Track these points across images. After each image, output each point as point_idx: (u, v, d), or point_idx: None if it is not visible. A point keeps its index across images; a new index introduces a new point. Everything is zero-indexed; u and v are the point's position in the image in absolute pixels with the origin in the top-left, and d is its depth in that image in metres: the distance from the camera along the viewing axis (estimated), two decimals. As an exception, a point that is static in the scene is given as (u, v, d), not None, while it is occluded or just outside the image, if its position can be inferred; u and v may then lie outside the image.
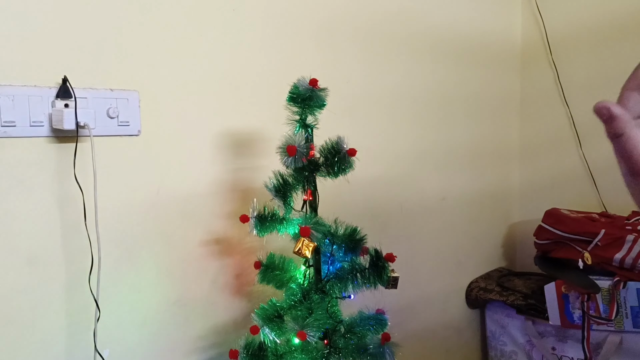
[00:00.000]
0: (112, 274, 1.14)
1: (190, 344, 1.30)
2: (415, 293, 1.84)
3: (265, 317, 1.07)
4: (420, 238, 1.84)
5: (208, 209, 1.30)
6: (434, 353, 1.94)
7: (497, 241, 2.16)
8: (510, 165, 2.18)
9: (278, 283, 1.19)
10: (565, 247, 1.80)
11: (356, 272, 1.13)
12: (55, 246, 1.07)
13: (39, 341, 1.07)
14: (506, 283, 1.97)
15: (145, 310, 1.22)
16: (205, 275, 1.32)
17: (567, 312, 1.74)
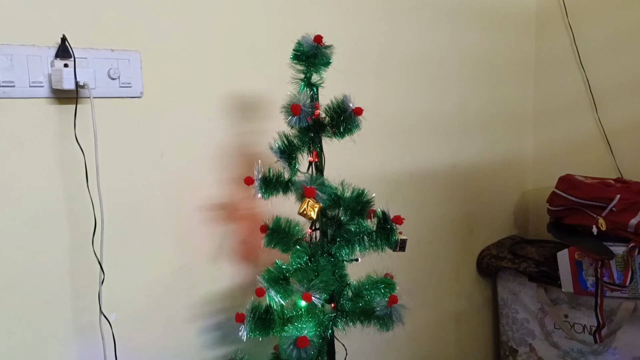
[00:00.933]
0: (115, 237, 1.13)
1: (197, 309, 1.29)
2: (425, 261, 1.82)
3: (271, 279, 1.06)
4: (430, 206, 1.81)
5: (213, 173, 1.28)
6: (444, 321, 1.93)
7: (510, 209, 2.12)
8: (524, 131, 2.13)
9: (284, 247, 1.17)
10: (579, 213, 1.76)
11: (363, 235, 1.11)
12: (57, 208, 1.06)
13: (43, 304, 1.06)
14: (518, 251, 1.94)
15: (150, 275, 1.21)
16: (210, 240, 1.30)
17: (580, 279, 1.72)
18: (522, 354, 1.93)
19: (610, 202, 1.66)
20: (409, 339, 1.78)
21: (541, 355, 1.88)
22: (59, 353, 1.09)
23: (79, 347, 1.11)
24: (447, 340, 1.94)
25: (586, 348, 1.78)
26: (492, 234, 2.04)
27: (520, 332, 1.93)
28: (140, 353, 1.20)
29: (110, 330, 1.12)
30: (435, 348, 1.89)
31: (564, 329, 1.81)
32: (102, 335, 1.11)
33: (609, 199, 1.67)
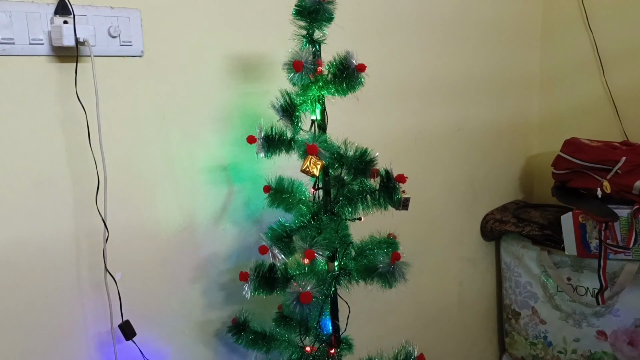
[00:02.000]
0: (119, 196, 1.13)
1: (201, 270, 1.30)
2: (429, 226, 1.82)
3: (274, 237, 1.06)
4: (435, 170, 1.80)
5: (215, 134, 1.28)
6: (448, 285, 1.94)
7: (515, 174, 2.11)
8: (530, 94, 2.11)
9: (287, 206, 1.17)
10: (583, 176, 1.75)
11: (366, 194, 1.11)
12: (60, 167, 1.06)
13: (48, 263, 1.07)
14: (522, 215, 1.94)
15: (154, 235, 1.22)
16: (214, 202, 1.31)
17: (584, 241, 1.72)
18: (525, 316, 1.95)
19: (615, 164, 1.65)
20: (412, 302, 1.80)
21: (543, 318, 1.90)
22: (65, 312, 1.11)
23: (84, 305, 1.13)
24: (450, 304, 1.96)
25: (588, 310, 1.79)
26: (496, 198, 2.04)
27: (523, 295, 1.94)
28: (146, 311, 1.21)
29: (115, 288, 1.13)
30: (438, 311, 1.90)
31: (567, 291, 1.82)
32: (107, 293, 1.12)
33: (614, 161, 1.66)
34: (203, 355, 1.33)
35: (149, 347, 1.19)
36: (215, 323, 1.34)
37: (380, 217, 1.17)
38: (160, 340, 1.24)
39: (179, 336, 1.28)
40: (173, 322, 1.27)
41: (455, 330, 1.98)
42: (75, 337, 1.13)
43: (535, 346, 1.94)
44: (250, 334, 1.25)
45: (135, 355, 1.17)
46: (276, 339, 1.24)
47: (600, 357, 1.79)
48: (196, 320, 1.31)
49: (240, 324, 1.26)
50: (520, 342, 1.99)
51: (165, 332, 1.26)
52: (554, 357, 1.89)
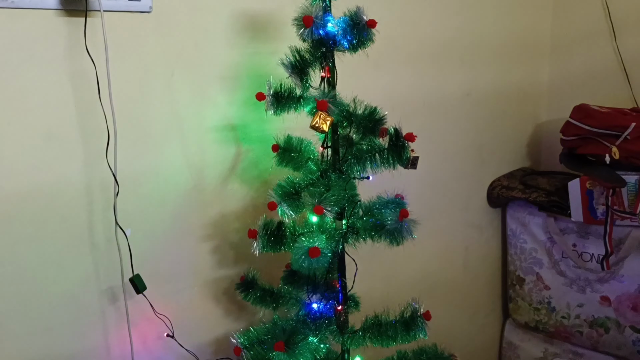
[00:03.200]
0: (128, 152, 1.14)
1: (210, 229, 1.32)
2: (436, 191, 1.82)
3: (283, 193, 1.07)
4: (442, 135, 1.80)
5: (224, 94, 1.28)
6: (453, 250, 1.95)
7: (523, 141, 2.10)
8: (540, 60, 2.08)
9: (296, 165, 1.18)
10: (592, 142, 1.74)
11: (375, 152, 1.11)
12: (71, 121, 1.06)
13: (59, 218, 1.09)
14: (529, 181, 1.93)
15: (163, 193, 1.23)
16: (222, 162, 1.31)
17: (591, 208, 1.72)
18: (529, 282, 1.96)
19: (625, 130, 1.64)
20: (417, 266, 1.81)
21: (547, 284, 1.91)
22: (76, 266, 1.12)
23: (95, 259, 1.14)
24: (456, 269, 1.97)
25: (593, 276, 1.80)
26: (504, 165, 2.03)
27: (527, 262, 1.95)
28: (156, 267, 1.23)
29: (126, 243, 1.15)
30: (444, 276, 1.92)
31: (572, 257, 1.83)
32: (118, 247, 1.14)
33: (624, 127, 1.64)
34: (212, 312, 1.35)
35: (159, 302, 1.21)
36: (224, 281, 1.36)
37: (387, 182, 1.18)
38: (170, 296, 1.26)
39: (188, 293, 1.31)
40: (182, 279, 1.29)
41: (460, 295, 2.00)
42: (87, 291, 1.15)
43: (538, 312, 1.96)
44: (258, 290, 1.26)
45: (146, 309, 1.19)
46: (284, 295, 1.25)
47: (603, 322, 1.81)
48: (205, 278, 1.33)
49: (248, 281, 1.28)
50: (524, 307, 2.00)
51: (175, 288, 1.28)
52: (557, 322, 1.91)
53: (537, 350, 2.01)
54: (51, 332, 1.12)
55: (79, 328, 1.15)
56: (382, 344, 1.16)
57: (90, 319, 1.16)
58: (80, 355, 1.16)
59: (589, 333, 1.84)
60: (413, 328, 1.15)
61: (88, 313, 1.16)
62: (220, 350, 1.35)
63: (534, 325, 1.99)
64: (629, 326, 1.75)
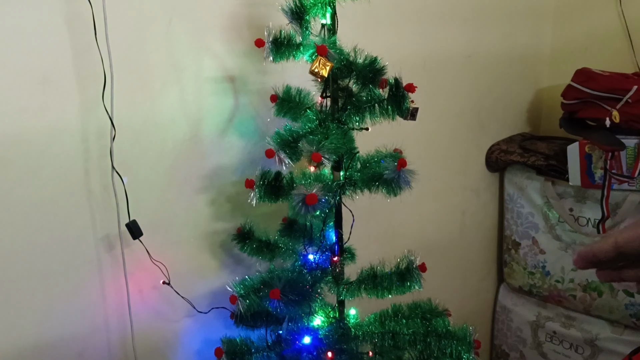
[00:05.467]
0: (125, 96, 1.12)
1: (207, 181, 1.31)
2: (434, 154, 1.82)
3: (281, 141, 1.06)
4: (442, 96, 1.78)
5: (222, 44, 1.26)
6: (450, 213, 1.95)
7: (523, 105, 2.09)
8: (543, 24, 2.06)
9: (294, 115, 1.17)
10: (593, 106, 1.73)
11: (374, 103, 1.10)
12: (66, 65, 1.05)
13: (56, 163, 1.08)
14: (528, 145, 1.93)
15: (160, 142, 1.22)
16: (220, 113, 1.30)
17: (589, 172, 1.72)
18: (525, 246, 1.97)
19: (626, 93, 1.63)
20: (414, 228, 1.82)
21: (543, 248, 1.92)
22: (72, 213, 1.12)
23: (92, 206, 1.14)
24: (452, 232, 1.98)
25: (588, 240, 1.81)
26: (503, 129, 2.03)
27: (524, 226, 1.96)
28: (152, 217, 1.22)
29: (123, 189, 1.14)
30: (440, 239, 1.93)
31: (568, 222, 1.83)
32: (115, 193, 1.13)
33: (626, 90, 1.63)
34: (208, 264, 1.36)
35: (154, 251, 1.21)
36: (221, 234, 1.36)
37: (385, 141, 1.17)
38: (166, 246, 1.26)
39: (184, 245, 1.31)
40: (179, 230, 1.29)
41: (456, 259, 2.01)
42: (83, 239, 1.15)
43: (533, 276, 1.97)
44: (255, 242, 1.27)
45: (142, 257, 1.20)
46: (280, 247, 1.26)
47: (596, 286, 1.82)
48: (202, 230, 1.33)
49: (245, 233, 1.28)
50: (518, 271, 2.02)
51: (171, 239, 1.28)
52: (551, 286, 1.93)
53: (530, 314, 2.03)
54: (47, 278, 1.12)
55: (75, 275, 1.15)
56: (377, 295, 1.17)
57: (86, 267, 1.16)
58: (77, 302, 1.17)
59: (582, 297, 1.86)
60: (408, 279, 1.15)
61: (84, 260, 1.16)
62: (216, 302, 1.36)
63: (527, 290, 2.01)
64: (622, 290, 1.77)
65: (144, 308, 1.25)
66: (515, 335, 2.09)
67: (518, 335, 2.08)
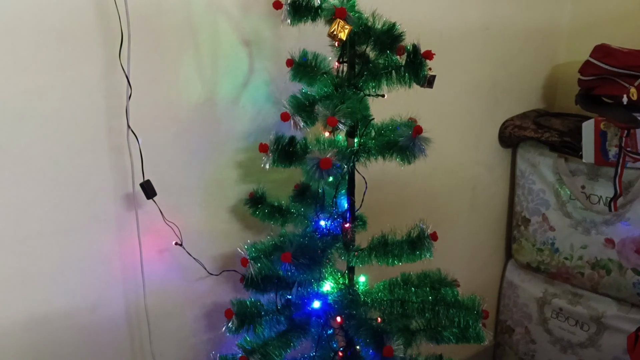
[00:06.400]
0: (142, 57, 1.12)
1: (220, 145, 1.31)
2: (447, 126, 1.81)
3: (296, 105, 1.06)
4: (458, 69, 1.76)
5: (239, 7, 1.25)
6: (461, 188, 1.95)
7: (539, 81, 2.07)
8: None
9: (310, 80, 1.16)
10: (610, 83, 1.71)
11: (391, 69, 1.09)
12: (84, 22, 1.04)
13: (72, 121, 1.08)
14: (543, 122, 1.91)
15: (174, 104, 1.22)
16: (235, 78, 1.29)
17: (603, 149, 1.70)
18: (535, 223, 1.97)
19: (645, 70, 1.61)
20: (424, 201, 1.81)
21: (553, 225, 1.92)
22: (87, 170, 1.13)
23: (107, 165, 1.15)
24: (462, 207, 1.98)
25: (599, 218, 1.80)
26: (518, 105, 2.01)
27: (534, 203, 1.96)
28: (165, 179, 1.23)
29: (138, 148, 1.14)
30: (450, 213, 1.93)
31: (580, 199, 1.83)
32: (130, 152, 1.14)
33: (645, 67, 1.61)
34: (219, 228, 1.37)
35: (167, 214, 1.22)
36: (231, 199, 1.37)
37: (398, 111, 1.16)
38: (178, 209, 1.27)
39: (197, 208, 1.31)
40: (191, 193, 1.30)
41: (465, 234, 2.02)
42: (98, 197, 1.16)
43: (541, 252, 1.97)
44: (267, 207, 1.27)
45: (155, 218, 1.20)
46: (292, 212, 1.26)
47: (605, 264, 1.82)
48: (213, 195, 1.33)
49: (257, 198, 1.29)
50: (527, 248, 2.02)
51: (183, 202, 1.28)
52: (559, 263, 1.93)
53: (537, 291, 2.03)
54: (62, 234, 1.13)
55: (89, 233, 1.17)
56: (388, 263, 1.17)
57: (100, 225, 1.18)
58: (91, 259, 1.18)
59: (590, 275, 1.86)
60: (419, 248, 1.16)
61: (98, 219, 1.17)
62: (226, 265, 1.37)
63: (535, 266, 2.01)
64: (631, 269, 1.77)
65: (156, 268, 1.26)
66: (521, 311, 2.10)
67: (524, 311, 2.09)
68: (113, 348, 1.28)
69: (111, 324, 1.26)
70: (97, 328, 1.24)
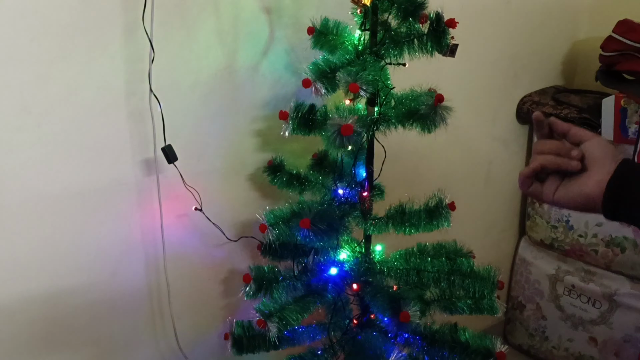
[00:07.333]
0: (164, 20, 1.12)
1: (239, 112, 1.32)
2: (465, 101, 1.79)
3: (318, 72, 1.06)
4: (478, 42, 1.74)
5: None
6: (477, 162, 1.94)
7: (558, 57, 2.04)
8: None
9: (331, 48, 1.16)
10: (633, 59, 1.69)
11: (413, 37, 1.09)
12: (107, -16, 1.05)
13: (94, 84, 1.09)
14: (561, 98, 1.90)
15: (196, 69, 1.22)
16: (255, 46, 1.29)
17: (622, 126, 1.69)
18: (550, 200, 1.96)
19: (669, 45, 1.58)
20: (439, 175, 1.81)
21: (568, 202, 1.91)
22: (109, 134, 1.14)
23: (129, 129, 1.16)
24: (477, 182, 1.97)
25: (616, 195, 1.79)
26: (537, 81, 1.99)
27: (550, 179, 1.95)
28: (186, 145, 1.24)
29: (160, 114, 1.15)
30: (465, 188, 1.92)
31: (597, 176, 1.81)
32: (152, 116, 1.15)
33: (669, 42, 1.59)
34: (238, 195, 1.38)
35: (187, 179, 1.23)
36: (250, 167, 1.38)
37: (417, 83, 1.16)
38: (198, 175, 1.28)
39: (216, 174, 1.33)
40: (211, 160, 1.31)
41: (479, 209, 2.02)
42: (120, 161, 1.17)
43: (556, 229, 1.97)
44: (285, 175, 1.28)
45: (175, 183, 1.22)
46: (310, 180, 1.27)
47: (620, 242, 1.82)
48: (233, 161, 1.34)
49: (276, 165, 1.29)
50: (541, 225, 2.02)
51: (203, 168, 1.30)
52: (573, 240, 1.93)
53: (550, 268, 2.04)
54: (83, 197, 1.15)
55: (110, 196, 1.18)
56: (405, 231, 1.18)
57: (122, 188, 1.19)
58: (111, 223, 1.20)
59: (604, 252, 1.86)
60: (437, 217, 1.16)
61: (120, 182, 1.19)
62: (244, 233, 1.38)
63: (549, 243, 2.01)
64: (646, 247, 1.77)
65: (176, 233, 1.28)
66: (533, 287, 2.11)
67: (536, 287, 2.10)
68: (133, 311, 1.31)
69: (131, 287, 1.28)
70: (118, 291, 1.27)
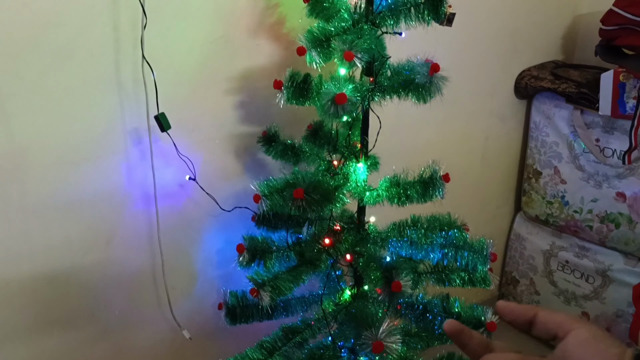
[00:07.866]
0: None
1: (235, 83, 1.31)
2: (462, 74, 1.78)
3: (313, 40, 1.04)
4: (476, 14, 1.72)
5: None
6: (473, 138, 1.93)
7: (558, 31, 2.02)
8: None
9: (327, 16, 1.14)
10: (633, 33, 1.67)
11: (410, 6, 1.07)
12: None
13: (87, 51, 1.08)
14: (560, 72, 1.88)
15: (190, 38, 1.21)
16: (251, 14, 1.27)
17: (620, 101, 1.68)
18: (546, 176, 1.97)
19: (670, 19, 1.57)
20: (436, 149, 1.81)
21: (564, 178, 1.92)
22: (102, 102, 1.13)
23: (122, 97, 1.15)
24: (474, 157, 1.97)
25: (612, 171, 1.80)
26: (536, 55, 1.97)
27: (547, 155, 1.95)
28: (179, 114, 1.23)
29: (153, 81, 1.14)
30: (461, 162, 1.92)
31: (594, 152, 1.81)
32: (144, 83, 1.14)
33: (670, 16, 1.57)
34: (232, 167, 1.38)
35: (181, 148, 1.23)
36: (245, 138, 1.37)
37: (415, 52, 1.14)
38: (192, 145, 1.27)
39: (210, 144, 1.32)
40: (205, 130, 1.30)
41: (475, 185, 2.02)
42: (112, 129, 1.16)
43: (551, 205, 1.98)
44: (280, 145, 1.28)
45: (169, 152, 1.21)
46: (305, 151, 1.27)
47: (615, 218, 1.83)
48: (227, 132, 1.34)
49: (270, 136, 1.29)
50: (537, 200, 2.02)
51: (197, 138, 1.29)
52: (568, 216, 1.94)
53: (544, 243, 2.05)
54: (76, 166, 1.15)
55: (103, 166, 1.18)
56: (399, 202, 1.18)
57: (115, 157, 1.19)
58: (105, 192, 1.20)
59: (599, 228, 1.87)
60: (431, 188, 1.16)
61: (113, 151, 1.18)
62: (238, 203, 1.38)
63: (544, 219, 2.02)
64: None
65: (170, 203, 1.28)
66: (527, 263, 2.12)
67: (530, 263, 2.11)
68: (127, 282, 1.31)
69: (125, 258, 1.29)
70: (112, 262, 1.27)
